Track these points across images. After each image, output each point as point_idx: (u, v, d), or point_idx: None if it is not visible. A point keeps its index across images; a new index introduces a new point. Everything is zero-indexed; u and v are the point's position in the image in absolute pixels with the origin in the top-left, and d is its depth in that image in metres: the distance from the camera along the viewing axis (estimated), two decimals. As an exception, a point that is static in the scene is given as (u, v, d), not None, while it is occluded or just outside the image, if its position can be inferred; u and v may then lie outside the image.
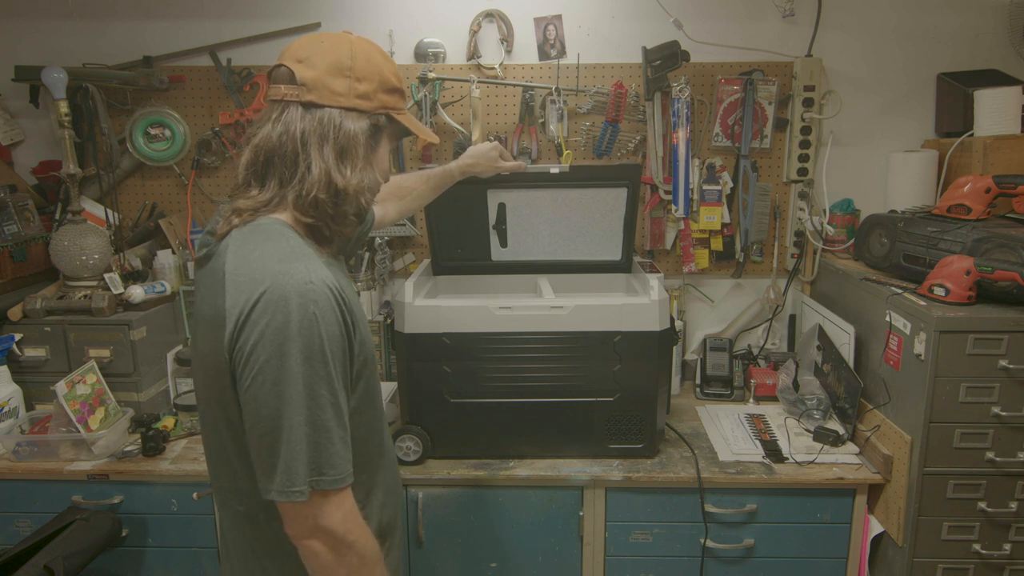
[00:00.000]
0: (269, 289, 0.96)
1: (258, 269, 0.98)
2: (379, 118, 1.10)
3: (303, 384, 0.95)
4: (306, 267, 0.99)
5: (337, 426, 0.99)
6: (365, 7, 2.22)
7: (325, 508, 0.98)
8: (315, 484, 0.96)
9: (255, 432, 0.98)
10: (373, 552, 1.04)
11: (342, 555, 1.00)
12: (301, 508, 0.98)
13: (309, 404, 0.96)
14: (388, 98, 1.10)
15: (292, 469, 0.95)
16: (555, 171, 1.91)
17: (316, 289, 0.97)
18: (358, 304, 1.11)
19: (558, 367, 1.75)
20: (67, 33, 2.25)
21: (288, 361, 0.94)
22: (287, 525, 1.00)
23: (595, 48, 2.23)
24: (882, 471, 1.72)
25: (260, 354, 0.95)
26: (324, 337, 0.97)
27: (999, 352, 1.55)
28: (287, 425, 0.95)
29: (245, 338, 0.96)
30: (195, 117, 2.27)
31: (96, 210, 2.22)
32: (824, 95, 2.19)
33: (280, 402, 0.95)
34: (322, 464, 0.97)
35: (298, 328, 0.95)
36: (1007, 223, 1.74)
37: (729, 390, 2.20)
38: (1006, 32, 2.20)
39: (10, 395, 1.92)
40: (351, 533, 1.00)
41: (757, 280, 2.37)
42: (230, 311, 0.97)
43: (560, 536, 1.82)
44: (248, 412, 0.98)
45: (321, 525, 0.98)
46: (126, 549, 1.86)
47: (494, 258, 2.10)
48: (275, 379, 0.95)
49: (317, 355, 0.96)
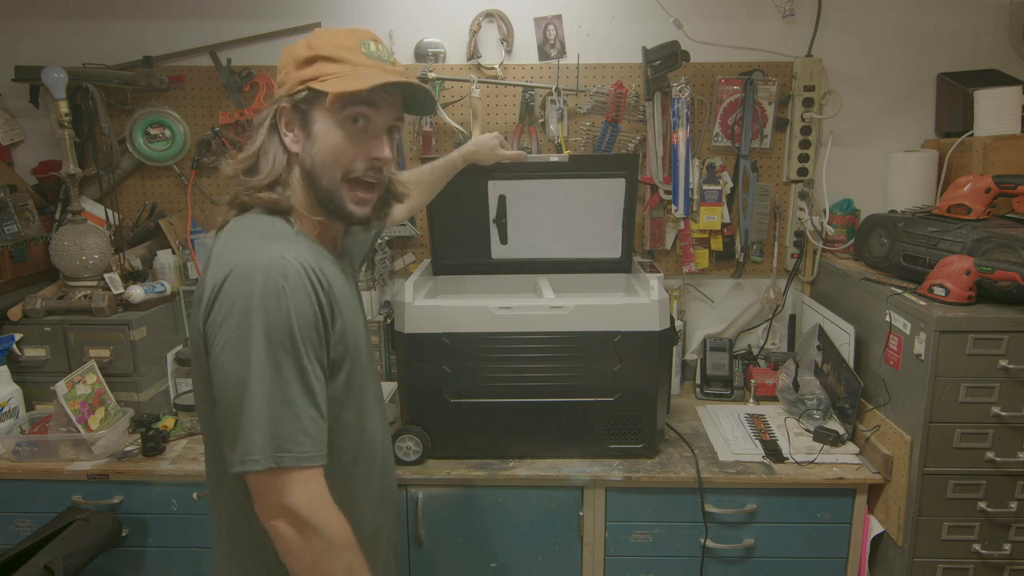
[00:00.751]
0: (241, 263, 0.98)
1: (237, 247, 1.02)
2: (298, 96, 1.06)
3: (267, 355, 0.95)
4: (283, 246, 1.01)
5: (306, 404, 0.98)
6: (365, 7, 2.22)
7: (289, 487, 0.96)
8: (278, 460, 0.95)
9: (222, 404, 0.98)
10: (342, 537, 1.01)
11: (307, 538, 0.97)
12: (266, 485, 0.97)
13: (273, 376, 0.96)
14: (303, 71, 1.06)
15: (250, 438, 0.95)
16: (554, 160, 1.94)
17: (288, 265, 0.98)
18: (348, 298, 1.12)
19: (558, 367, 1.75)
20: (67, 33, 2.25)
21: (252, 331, 0.95)
22: (255, 504, 0.99)
23: (595, 48, 2.23)
24: (882, 471, 1.72)
25: (228, 324, 0.96)
26: (292, 312, 0.97)
27: (999, 352, 1.55)
28: (249, 394, 0.95)
29: (216, 310, 0.98)
30: (195, 117, 2.28)
31: (96, 210, 2.22)
32: (824, 95, 2.19)
33: (244, 372, 0.95)
34: (285, 439, 0.96)
35: (263, 299, 0.95)
36: (1007, 223, 1.74)
37: (729, 390, 2.20)
38: (1006, 32, 2.20)
39: (10, 395, 1.92)
40: (316, 515, 0.98)
41: (757, 280, 2.37)
42: (207, 286, 1.00)
43: (560, 536, 1.82)
44: (216, 384, 0.99)
45: (285, 505, 0.97)
46: (126, 549, 1.86)
47: (494, 256, 2.10)
48: (240, 349, 0.95)
49: (283, 328, 0.96)
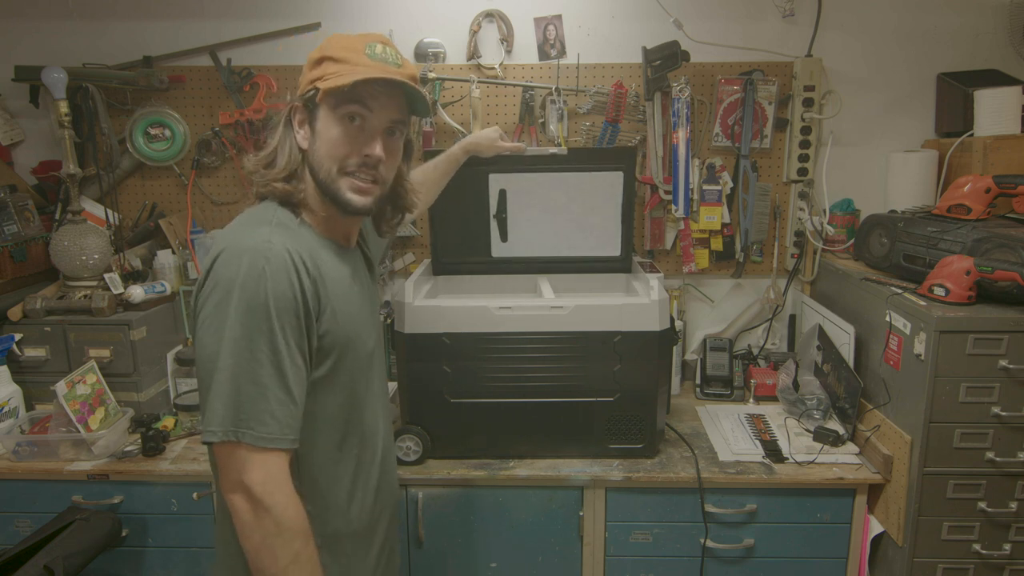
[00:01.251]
0: (231, 244, 1.04)
1: (233, 229, 1.08)
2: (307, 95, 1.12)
3: (241, 333, 0.99)
4: (271, 231, 1.06)
5: (277, 386, 1.01)
6: (365, 7, 2.22)
7: (248, 464, 0.99)
8: (239, 435, 0.98)
9: (199, 377, 1.03)
10: (294, 524, 1.02)
11: (260, 517, 1.00)
12: (227, 459, 1.00)
13: (245, 355, 0.99)
14: (313, 72, 1.12)
15: (213, 409, 0.99)
16: (553, 151, 1.96)
17: (272, 249, 1.02)
18: (347, 291, 1.14)
19: (558, 367, 1.75)
20: (67, 33, 2.25)
21: (230, 308, 0.99)
22: (219, 478, 1.03)
23: (595, 48, 2.23)
24: (882, 471, 1.72)
25: (211, 301, 1.01)
26: (270, 294, 1.00)
27: (999, 352, 1.55)
28: (220, 367, 0.99)
29: (204, 289, 1.04)
30: (195, 117, 2.27)
31: (96, 210, 2.22)
32: (824, 95, 2.19)
33: (217, 346, 1.00)
34: (248, 417, 0.99)
35: (243, 279, 1.00)
36: (1007, 223, 1.74)
37: (729, 390, 2.20)
38: (1006, 32, 2.20)
39: (10, 395, 1.92)
40: (270, 496, 1.00)
41: (757, 280, 2.37)
42: (202, 268, 1.06)
43: (560, 536, 1.82)
44: (196, 358, 1.04)
45: (243, 481, 0.99)
46: (126, 549, 1.86)
47: (494, 254, 2.10)
48: (217, 324, 1.00)
49: (260, 308, 1.00)
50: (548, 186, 2.04)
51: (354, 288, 1.19)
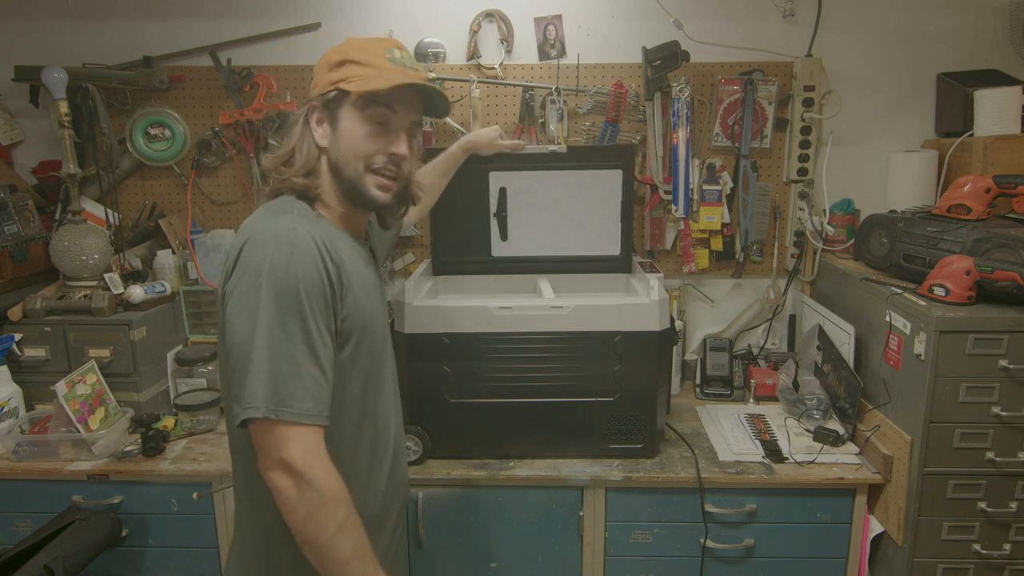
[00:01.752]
0: (257, 231, 1.08)
1: (257, 220, 1.12)
2: (328, 96, 1.17)
3: (274, 314, 1.03)
4: (295, 220, 1.10)
5: (309, 364, 1.04)
6: (365, 7, 2.22)
7: (287, 441, 1.02)
8: (278, 413, 1.01)
9: (232, 360, 1.05)
10: (336, 493, 1.05)
11: (302, 491, 1.02)
12: (266, 437, 1.03)
13: (278, 334, 1.03)
14: (334, 74, 1.17)
15: (254, 387, 1.01)
16: (553, 149, 1.98)
17: (298, 235, 1.07)
18: (364, 280, 1.19)
19: (558, 367, 1.75)
20: (67, 33, 2.25)
21: (261, 291, 1.03)
22: (258, 459, 1.05)
23: (595, 48, 2.23)
24: (882, 471, 1.72)
25: (241, 287, 1.05)
26: (299, 278, 1.04)
27: (999, 352, 1.55)
28: (257, 347, 1.02)
29: (232, 276, 1.07)
30: (195, 117, 2.27)
31: (96, 210, 2.22)
32: (824, 95, 2.19)
33: (252, 328, 1.03)
34: (286, 395, 1.02)
35: (272, 264, 1.04)
36: (1007, 223, 1.74)
37: (729, 390, 2.20)
38: (1006, 32, 2.20)
39: (10, 395, 1.92)
40: (311, 470, 1.03)
41: (757, 280, 2.37)
42: (228, 257, 1.10)
43: (560, 536, 1.82)
44: (228, 342, 1.06)
45: (283, 458, 1.02)
46: (126, 549, 1.86)
47: (494, 253, 2.10)
48: (249, 308, 1.03)
49: (290, 291, 1.03)
50: (548, 184, 2.05)
51: (371, 279, 1.25)
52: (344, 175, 1.17)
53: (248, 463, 1.12)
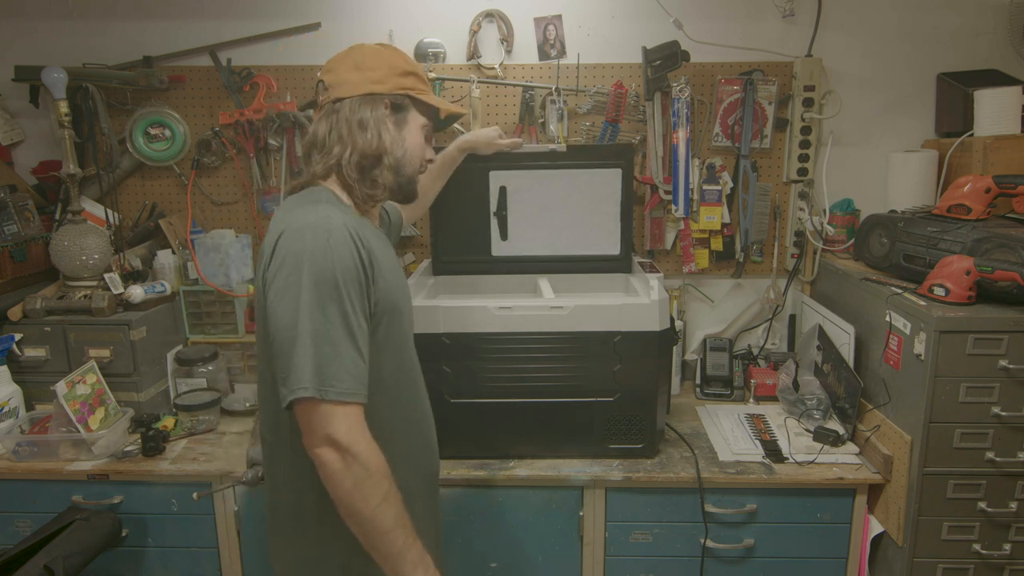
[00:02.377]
0: (292, 221, 1.14)
1: (290, 211, 1.19)
2: (398, 98, 1.28)
3: (315, 299, 1.09)
4: (329, 210, 1.16)
5: (348, 345, 1.10)
6: (365, 7, 2.22)
7: (332, 419, 1.08)
8: (323, 393, 1.07)
9: (275, 345, 1.11)
10: (379, 467, 1.11)
11: (348, 465, 1.08)
12: (312, 415, 1.08)
13: (319, 318, 1.08)
14: (403, 80, 1.28)
15: (301, 369, 1.07)
16: (552, 148, 2.00)
17: (333, 224, 1.13)
18: (391, 265, 1.26)
19: (558, 367, 1.75)
20: (67, 33, 2.25)
21: (302, 278, 1.09)
22: (304, 437, 1.11)
23: (595, 48, 2.23)
24: (882, 471, 1.72)
25: (281, 275, 1.11)
26: (336, 265, 1.10)
27: (999, 352, 1.55)
28: (300, 331, 1.08)
29: (272, 265, 1.13)
30: (195, 117, 2.27)
31: (96, 210, 2.22)
32: (824, 95, 2.19)
33: (295, 314, 1.08)
34: (330, 375, 1.08)
35: (311, 252, 1.10)
36: (1007, 223, 1.74)
37: (729, 390, 2.20)
38: (1006, 32, 2.20)
39: (10, 395, 1.92)
40: (356, 444, 1.08)
41: (757, 280, 2.37)
42: (266, 244, 1.17)
43: (560, 536, 1.82)
44: (271, 328, 1.11)
45: (328, 434, 1.07)
46: (126, 549, 1.86)
47: (494, 253, 2.10)
48: (292, 295, 1.09)
49: (328, 278, 1.09)
50: (548, 184, 2.05)
51: (395, 264, 1.31)
52: (406, 173, 1.31)
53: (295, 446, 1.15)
